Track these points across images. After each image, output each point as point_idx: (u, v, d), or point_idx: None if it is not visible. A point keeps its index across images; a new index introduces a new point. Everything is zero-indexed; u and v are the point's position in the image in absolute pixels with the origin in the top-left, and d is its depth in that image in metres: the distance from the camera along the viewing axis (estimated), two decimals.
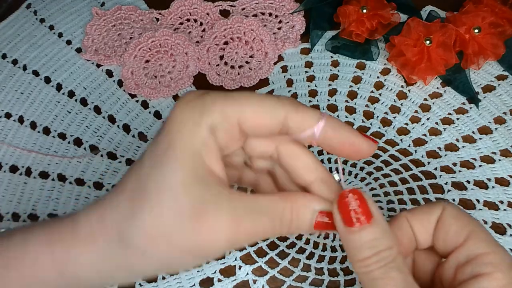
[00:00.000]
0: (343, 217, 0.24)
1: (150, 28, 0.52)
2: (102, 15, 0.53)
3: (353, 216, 0.24)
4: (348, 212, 0.24)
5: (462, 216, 0.26)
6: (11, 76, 0.49)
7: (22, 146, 0.43)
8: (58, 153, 0.43)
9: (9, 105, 0.46)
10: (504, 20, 0.45)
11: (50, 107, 0.46)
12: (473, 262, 0.24)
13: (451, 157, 0.41)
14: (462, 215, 0.26)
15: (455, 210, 0.26)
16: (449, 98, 0.45)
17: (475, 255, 0.24)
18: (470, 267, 0.24)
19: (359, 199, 0.24)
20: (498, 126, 0.43)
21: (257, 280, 0.35)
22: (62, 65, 0.49)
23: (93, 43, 0.51)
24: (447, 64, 0.44)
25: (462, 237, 0.25)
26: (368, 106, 0.45)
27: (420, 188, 0.39)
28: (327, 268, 0.36)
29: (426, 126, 0.43)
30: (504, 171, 0.40)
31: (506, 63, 0.46)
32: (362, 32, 0.47)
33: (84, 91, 0.47)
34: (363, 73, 0.47)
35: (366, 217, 0.24)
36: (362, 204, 0.24)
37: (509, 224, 0.37)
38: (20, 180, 0.41)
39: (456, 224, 0.25)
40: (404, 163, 0.41)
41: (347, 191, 0.24)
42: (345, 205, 0.24)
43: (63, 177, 0.41)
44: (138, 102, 0.47)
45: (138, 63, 0.49)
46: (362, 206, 0.24)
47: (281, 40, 0.50)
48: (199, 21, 0.53)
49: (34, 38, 0.52)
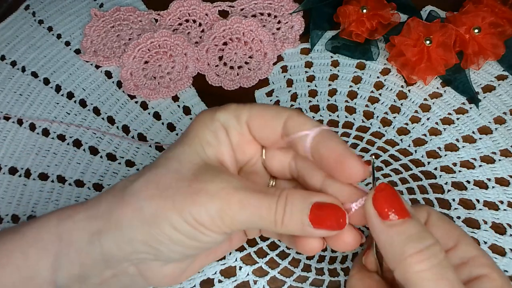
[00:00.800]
0: (380, 211, 0.23)
1: (149, 29, 0.51)
2: (101, 16, 0.53)
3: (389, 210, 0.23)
4: (385, 206, 0.23)
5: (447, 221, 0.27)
6: (10, 77, 0.48)
7: (21, 147, 0.43)
8: (58, 154, 0.43)
9: (8, 107, 0.46)
10: (504, 20, 0.45)
11: (49, 109, 0.46)
12: (469, 264, 0.25)
13: (451, 157, 0.41)
14: (446, 220, 0.27)
15: (440, 215, 0.27)
16: (449, 98, 0.45)
17: (468, 257, 0.25)
18: (467, 269, 0.25)
19: (395, 194, 0.23)
20: (498, 126, 0.43)
21: (257, 280, 0.35)
22: (61, 67, 0.49)
23: (92, 44, 0.51)
24: (447, 64, 0.44)
25: (451, 241, 0.26)
26: (368, 106, 0.45)
27: (420, 188, 0.39)
28: (328, 268, 0.35)
29: (426, 126, 0.43)
30: (504, 171, 0.40)
31: (506, 63, 0.46)
32: (362, 32, 0.47)
33: (83, 92, 0.47)
34: (363, 73, 0.47)
35: (403, 212, 0.23)
36: (398, 199, 0.23)
37: (509, 224, 0.37)
38: (20, 182, 0.41)
39: (444, 228, 0.26)
40: (404, 163, 0.41)
41: (383, 184, 0.24)
42: (381, 198, 0.23)
43: (63, 178, 0.41)
44: (137, 103, 0.47)
45: (137, 64, 0.49)
46: (398, 201, 0.23)
47: (280, 40, 0.50)
48: (198, 22, 0.53)
49: (33, 40, 0.52)
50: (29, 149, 0.43)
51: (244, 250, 0.36)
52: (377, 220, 0.23)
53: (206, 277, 0.35)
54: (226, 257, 0.36)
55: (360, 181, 0.26)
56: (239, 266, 0.36)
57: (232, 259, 0.36)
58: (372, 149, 0.42)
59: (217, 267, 0.36)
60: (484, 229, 0.37)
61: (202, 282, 0.35)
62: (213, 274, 0.35)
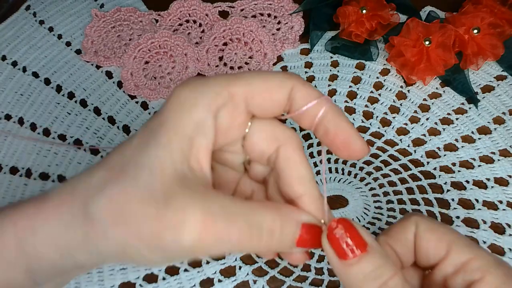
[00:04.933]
0: (336, 250, 0.22)
1: (149, 29, 0.52)
2: (101, 16, 0.53)
3: (346, 248, 0.22)
4: (340, 245, 0.22)
5: (437, 228, 0.25)
6: (11, 77, 0.49)
7: (22, 148, 0.43)
8: (58, 154, 0.43)
9: (9, 107, 0.46)
10: (503, 21, 0.45)
11: (50, 109, 0.46)
12: (462, 271, 0.24)
13: (450, 157, 0.41)
14: (437, 226, 0.25)
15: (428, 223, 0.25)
16: (448, 99, 0.45)
17: (461, 263, 0.24)
18: (460, 276, 0.24)
19: (349, 228, 0.22)
20: (497, 126, 0.43)
21: (257, 280, 0.35)
22: (62, 67, 0.49)
23: (93, 44, 0.51)
24: (446, 64, 0.44)
25: (443, 249, 0.24)
26: (368, 106, 0.45)
27: (420, 188, 0.39)
28: (327, 268, 0.36)
29: (426, 126, 0.43)
30: (503, 171, 0.40)
31: (505, 63, 0.46)
32: (361, 32, 0.47)
33: (84, 92, 0.47)
34: (363, 73, 0.47)
35: (360, 246, 0.22)
36: (353, 233, 0.22)
37: (508, 223, 0.37)
38: (20, 182, 0.41)
39: (434, 237, 0.25)
40: (403, 163, 0.41)
41: (334, 222, 0.23)
42: (335, 237, 0.22)
43: (64, 178, 0.41)
44: (138, 103, 0.47)
45: (138, 64, 0.49)
46: (354, 236, 0.22)
47: (280, 41, 0.50)
48: (198, 22, 0.53)
49: (34, 40, 0.52)
50: (30, 149, 0.43)
51: None
52: (334, 258, 0.22)
53: (206, 277, 0.35)
54: (226, 256, 0.36)
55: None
56: (239, 265, 0.36)
57: (232, 258, 0.36)
58: (372, 149, 0.42)
59: (217, 266, 0.36)
60: (483, 229, 0.37)
61: (202, 282, 0.35)
62: (213, 274, 0.35)
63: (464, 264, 0.24)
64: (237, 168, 0.27)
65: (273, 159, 0.25)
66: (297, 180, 0.24)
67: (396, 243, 0.25)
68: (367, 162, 0.41)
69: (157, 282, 0.35)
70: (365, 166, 0.41)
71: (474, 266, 0.24)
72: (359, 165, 0.41)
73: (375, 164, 0.41)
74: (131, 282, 0.35)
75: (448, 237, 0.25)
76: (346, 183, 0.40)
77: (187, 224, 0.20)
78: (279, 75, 0.23)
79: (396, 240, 0.25)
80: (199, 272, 0.36)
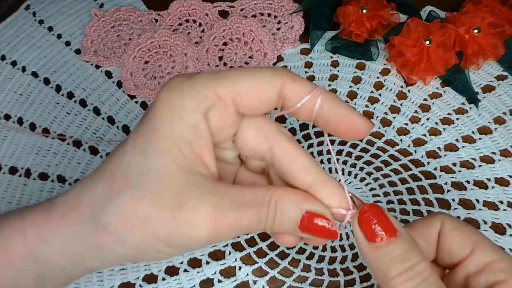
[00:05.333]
0: (366, 233, 0.23)
1: (149, 29, 0.51)
2: (101, 16, 0.53)
3: (377, 231, 0.23)
4: (371, 228, 0.23)
5: (462, 227, 0.25)
6: (10, 77, 0.48)
7: (22, 147, 0.43)
8: (58, 154, 0.43)
9: (9, 107, 0.46)
10: (504, 21, 0.45)
11: (50, 108, 0.46)
12: (485, 271, 0.24)
13: (451, 157, 0.41)
14: (462, 226, 0.26)
15: (455, 222, 0.26)
16: (448, 98, 0.45)
17: (485, 264, 0.24)
18: (483, 276, 0.24)
19: (380, 213, 0.23)
20: (497, 126, 0.43)
21: (257, 280, 0.35)
22: (61, 67, 0.49)
23: (92, 44, 0.51)
24: (446, 64, 0.44)
25: (467, 249, 0.25)
26: (368, 106, 0.45)
27: (420, 188, 0.39)
28: (327, 268, 0.35)
29: (426, 126, 0.43)
30: (504, 171, 0.40)
31: (506, 63, 0.46)
32: (361, 32, 0.47)
33: (83, 92, 0.47)
34: (363, 73, 0.47)
35: (390, 232, 0.23)
36: (383, 218, 0.23)
37: (509, 224, 0.37)
38: (20, 182, 0.41)
39: (459, 236, 0.25)
40: (403, 163, 0.41)
41: (366, 206, 0.23)
42: (366, 220, 0.23)
43: (63, 178, 0.41)
44: (137, 103, 0.47)
45: (137, 64, 0.49)
46: (384, 222, 0.23)
47: (280, 40, 0.50)
48: (198, 22, 0.53)
49: (33, 40, 0.52)
50: (29, 149, 0.43)
51: (244, 250, 0.36)
52: (363, 242, 0.23)
53: (205, 277, 0.35)
54: (225, 257, 0.36)
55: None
56: (239, 266, 0.36)
57: (231, 259, 0.36)
58: (372, 149, 0.42)
59: (217, 267, 0.36)
60: (484, 229, 0.37)
61: (202, 282, 0.35)
62: (213, 274, 0.35)
63: (488, 264, 0.24)
64: (232, 161, 0.27)
65: (269, 158, 0.25)
66: (301, 171, 0.24)
67: (420, 238, 0.26)
68: (367, 163, 0.41)
69: (157, 283, 0.35)
70: (365, 166, 0.41)
71: (499, 267, 0.24)
72: (359, 165, 0.41)
73: (375, 165, 0.41)
74: (130, 283, 0.35)
75: (473, 237, 0.25)
76: (346, 183, 0.40)
77: (202, 221, 0.22)
78: (267, 73, 0.23)
79: (420, 235, 0.26)
80: (198, 272, 0.36)
